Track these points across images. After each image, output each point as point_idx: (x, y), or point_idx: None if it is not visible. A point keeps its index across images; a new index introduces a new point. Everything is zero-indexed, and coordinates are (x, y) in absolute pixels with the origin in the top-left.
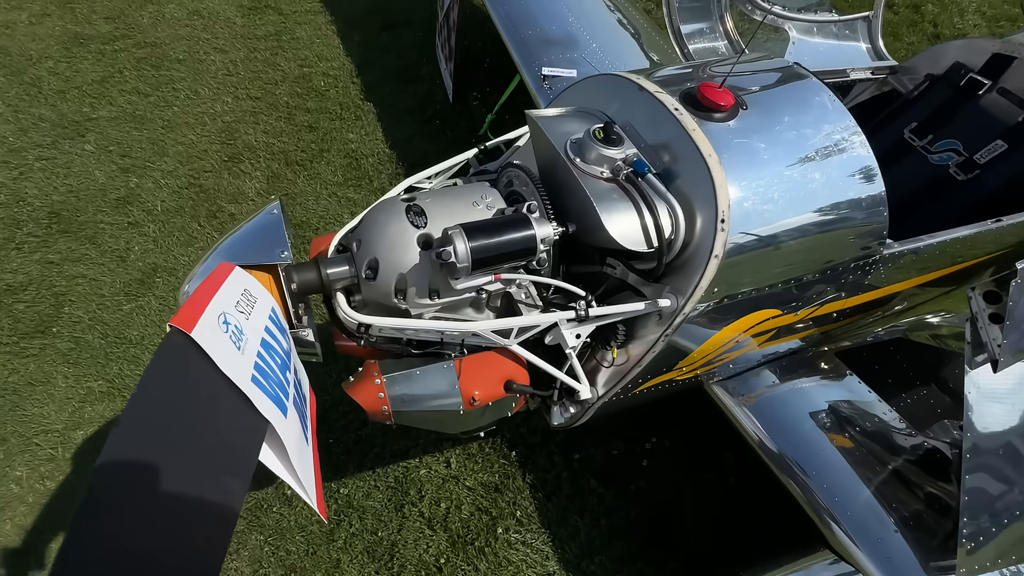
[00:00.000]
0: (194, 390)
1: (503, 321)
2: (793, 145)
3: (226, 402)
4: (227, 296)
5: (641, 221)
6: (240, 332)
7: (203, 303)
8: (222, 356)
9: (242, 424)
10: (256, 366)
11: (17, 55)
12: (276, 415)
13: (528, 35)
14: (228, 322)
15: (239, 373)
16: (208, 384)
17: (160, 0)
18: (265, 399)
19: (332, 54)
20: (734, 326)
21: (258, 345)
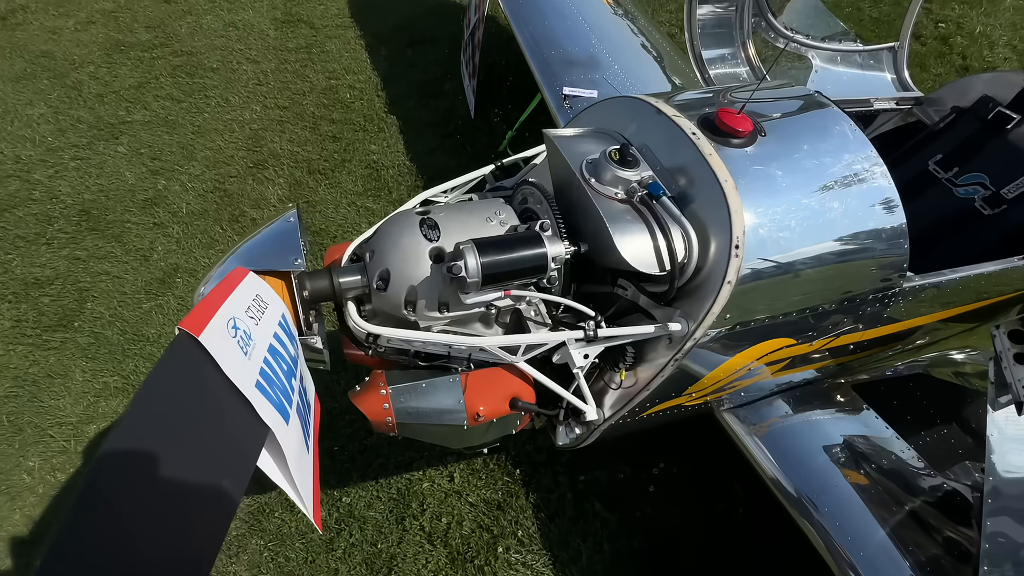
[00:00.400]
0: (198, 392)
1: (511, 338)
2: (812, 173)
3: (229, 406)
4: (239, 300)
5: (654, 244)
6: (248, 337)
7: (214, 307)
8: (228, 361)
9: (243, 428)
10: (261, 372)
11: (61, 59)
12: (278, 422)
13: (551, 55)
14: (237, 327)
15: (244, 378)
16: (213, 387)
17: (198, 11)
18: (268, 405)
19: (359, 67)
20: (746, 353)
21: (265, 351)
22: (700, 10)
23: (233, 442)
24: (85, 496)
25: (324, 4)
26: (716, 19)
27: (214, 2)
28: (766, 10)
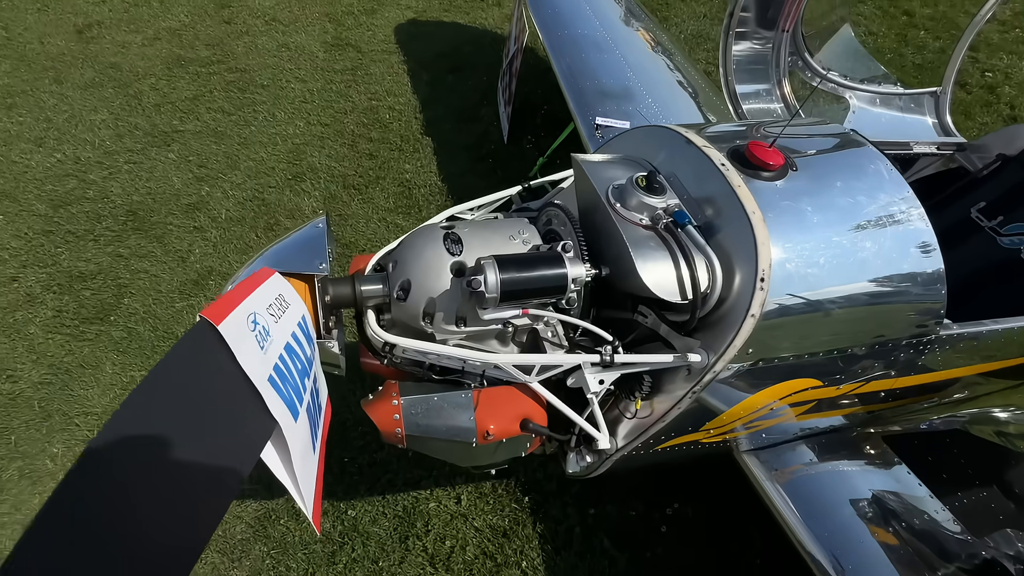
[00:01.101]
0: (211, 378)
1: (526, 356)
2: (844, 211)
3: (239, 396)
4: (261, 298)
5: (676, 271)
6: (266, 333)
7: (237, 300)
8: (244, 353)
9: (251, 419)
10: (275, 367)
11: (126, 71)
12: (286, 418)
13: (586, 86)
14: (257, 322)
15: (257, 371)
16: (226, 375)
17: (255, 32)
18: (278, 400)
19: (400, 90)
20: (769, 391)
21: (282, 348)
22: (736, 46)
23: (239, 431)
24: (89, 464)
25: (372, 31)
26: (752, 55)
27: (270, 24)
28: (803, 49)
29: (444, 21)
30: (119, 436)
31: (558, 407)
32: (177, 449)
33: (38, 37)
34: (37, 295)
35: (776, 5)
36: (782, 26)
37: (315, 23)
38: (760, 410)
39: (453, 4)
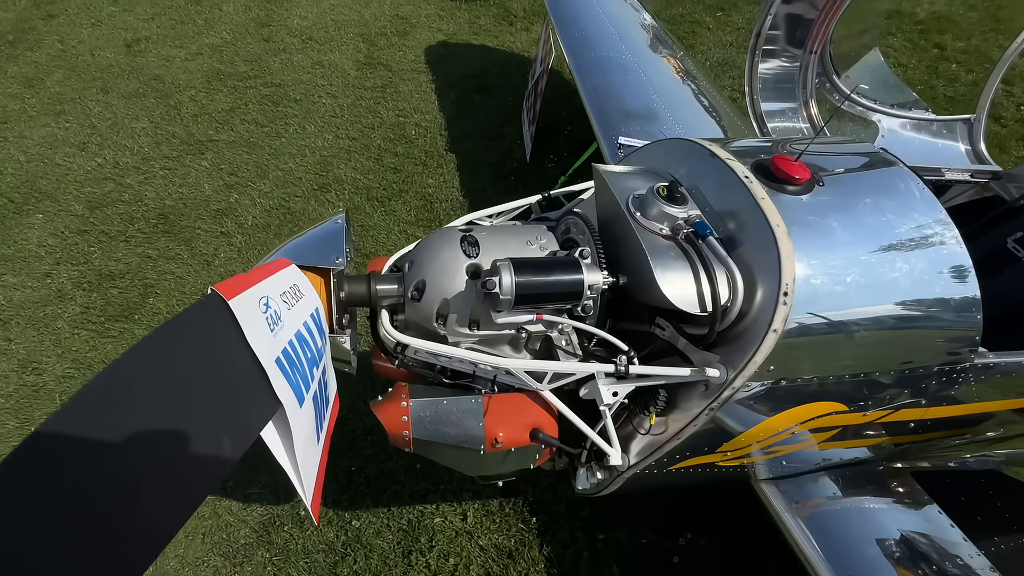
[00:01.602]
0: (217, 347)
1: (538, 363)
2: (873, 229)
3: (244, 371)
4: (276, 284)
5: (696, 283)
6: (278, 317)
7: (250, 282)
8: (253, 331)
9: (254, 395)
10: (284, 351)
11: (168, 83)
12: (291, 401)
13: (610, 106)
14: (269, 306)
15: (265, 351)
16: (232, 348)
17: (292, 50)
18: (284, 383)
19: (427, 108)
20: (790, 414)
21: (292, 335)
22: (763, 64)
23: (240, 403)
24: (87, 400)
25: (403, 51)
26: (779, 73)
27: (306, 43)
28: (831, 71)
29: (473, 44)
30: (116, 383)
31: (569, 418)
32: (174, 408)
33: (90, 50)
34: (67, 291)
35: (804, 26)
36: (810, 47)
37: (349, 43)
38: (780, 433)
39: (482, 28)
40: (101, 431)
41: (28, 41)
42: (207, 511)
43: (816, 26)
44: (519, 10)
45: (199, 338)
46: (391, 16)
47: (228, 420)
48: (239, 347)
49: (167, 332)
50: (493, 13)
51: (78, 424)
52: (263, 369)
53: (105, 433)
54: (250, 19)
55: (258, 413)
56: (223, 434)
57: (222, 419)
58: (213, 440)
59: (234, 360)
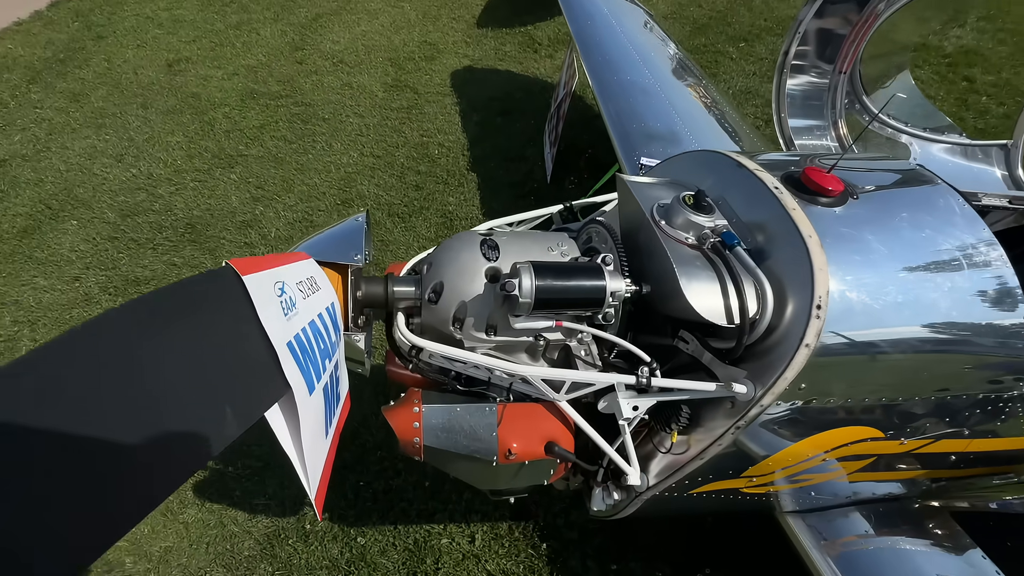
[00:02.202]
0: (226, 320)
1: (555, 371)
2: (911, 245)
3: (254, 348)
4: (292, 272)
5: (723, 294)
6: (292, 304)
7: (267, 264)
8: (265, 311)
9: (262, 373)
10: (296, 337)
11: (205, 100)
12: (301, 388)
13: (632, 128)
14: (284, 291)
15: (277, 333)
16: (243, 324)
17: (323, 72)
18: (295, 367)
19: (451, 129)
20: (822, 438)
21: (305, 323)
22: (792, 80)
23: (248, 379)
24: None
25: (430, 75)
26: (807, 90)
27: (337, 66)
28: (861, 92)
29: (498, 69)
30: (115, 328)
31: (587, 432)
32: (175, 368)
33: (133, 68)
34: (94, 296)
35: (834, 43)
36: (839, 67)
37: (378, 66)
38: (810, 459)
39: (507, 54)
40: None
41: (77, 59)
42: (213, 520)
43: (846, 46)
44: (544, 38)
45: (208, 305)
46: (419, 42)
47: (232, 392)
48: (250, 323)
49: (174, 293)
50: (518, 41)
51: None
52: (274, 350)
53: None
54: (286, 43)
55: (265, 392)
56: (226, 404)
57: (226, 389)
58: (215, 409)
59: (243, 334)
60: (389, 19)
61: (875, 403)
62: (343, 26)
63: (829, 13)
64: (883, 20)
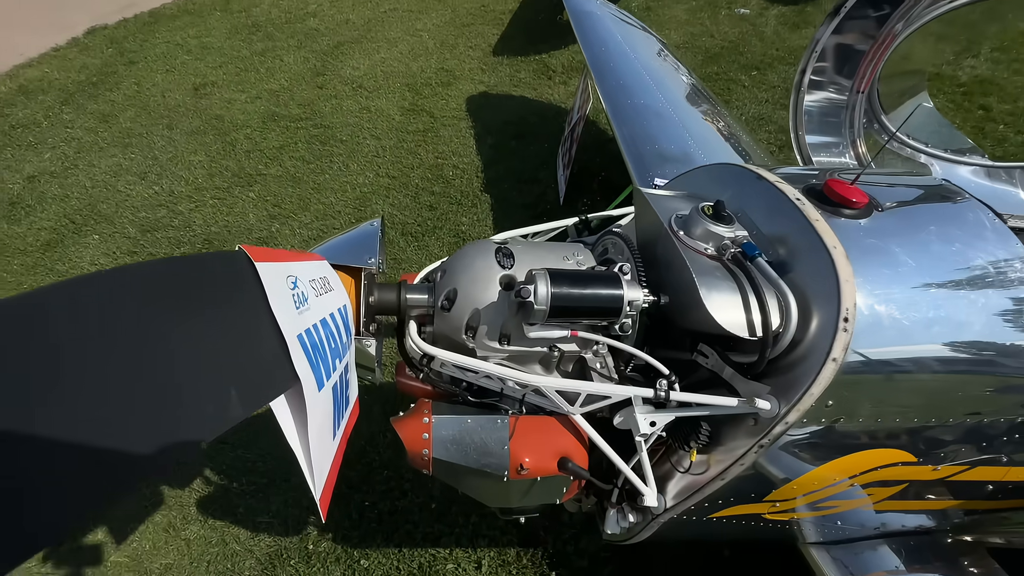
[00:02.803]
0: (236, 302)
1: (570, 382)
2: (941, 259)
3: (263, 334)
4: (306, 269)
5: (745, 306)
6: (304, 299)
7: (281, 257)
8: (277, 301)
9: (271, 361)
10: (307, 331)
11: (228, 122)
12: (310, 382)
13: (646, 150)
14: (296, 285)
15: (288, 323)
16: (254, 310)
17: (342, 96)
18: (304, 360)
19: (465, 151)
20: (849, 461)
21: (317, 320)
22: (809, 96)
23: (256, 364)
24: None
25: (446, 100)
26: (825, 106)
27: (356, 91)
28: (879, 112)
29: (513, 95)
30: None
31: (601, 448)
32: (180, 341)
33: (161, 92)
34: None
35: (852, 63)
36: (857, 87)
37: (396, 91)
38: (837, 484)
39: (522, 81)
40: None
41: (109, 83)
42: (215, 537)
43: (864, 65)
44: (558, 66)
45: (220, 285)
46: (437, 69)
47: (239, 374)
48: (261, 310)
49: (187, 266)
50: (533, 68)
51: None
52: (284, 339)
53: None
54: (308, 69)
55: (272, 380)
56: (231, 387)
57: (232, 371)
58: (220, 388)
59: (253, 319)
60: (408, 47)
61: (906, 425)
62: (363, 54)
63: (847, 31)
64: (901, 40)
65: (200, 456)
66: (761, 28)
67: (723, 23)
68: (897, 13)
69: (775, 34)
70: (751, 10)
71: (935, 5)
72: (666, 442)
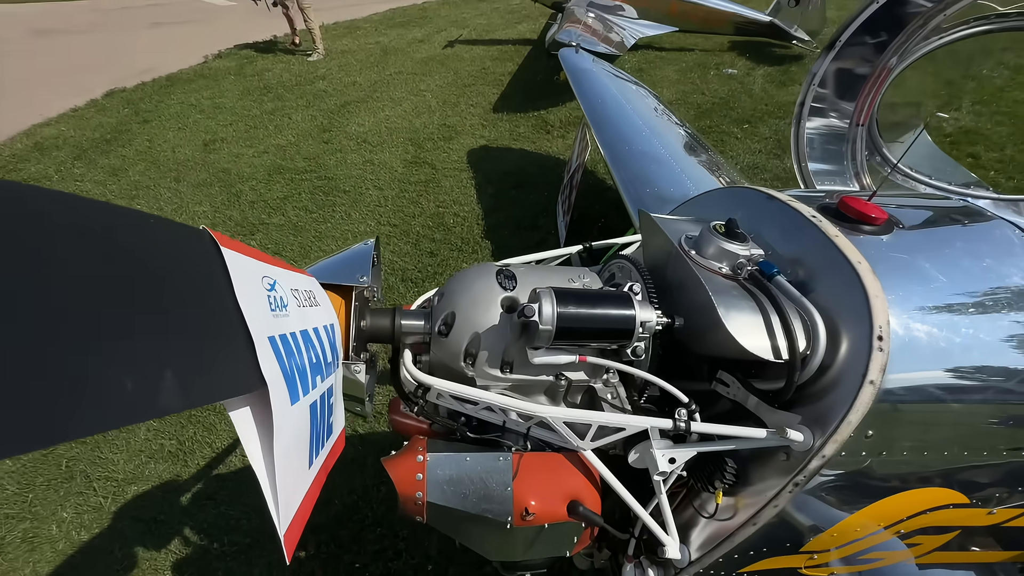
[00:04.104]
0: (194, 276)
1: (579, 412)
2: (972, 275)
3: (224, 323)
4: (289, 277)
5: (768, 327)
6: (283, 305)
7: (257, 255)
8: (246, 296)
9: (227, 352)
10: (283, 337)
11: (234, 175)
12: (280, 391)
13: (645, 192)
14: (275, 288)
15: (258, 323)
16: (213, 294)
17: (346, 150)
18: (274, 365)
19: (466, 200)
20: (894, 504)
21: (297, 329)
22: (810, 123)
23: (204, 350)
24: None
25: (448, 152)
26: (826, 135)
27: (361, 145)
28: (880, 144)
29: (512, 148)
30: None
31: (614, 488)
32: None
33: (172, 147)
34: None
35: (850, 95)
36: (857, 120)
37: (399, 145)
38: (881, 532)
39: (521, 135)
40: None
41: (122, 140)
42: None
43: (861, 99)
44: (555, 121)
45: (175, 254)
46: (439, 125)
47: (181, 355)
48: (223, 296)
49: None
50: (532, 123)
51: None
52: (249, 335)
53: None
54: (315, 126)
55: (229, 376)
56: (167, 367)
57: (173, 350)
58: (150, 366)
59: (211, 302)
60: (411, 106)
61: (954, 460)
62: (368, 112)
63: (843, 65)
64: (896, 74)
65: (178, 514)
66: (749, 86)
67: (712, 82)
68: (891, 47)
69: (763, 91)
70: (738, 70)
71: (927, 41)
72: (687, 483)
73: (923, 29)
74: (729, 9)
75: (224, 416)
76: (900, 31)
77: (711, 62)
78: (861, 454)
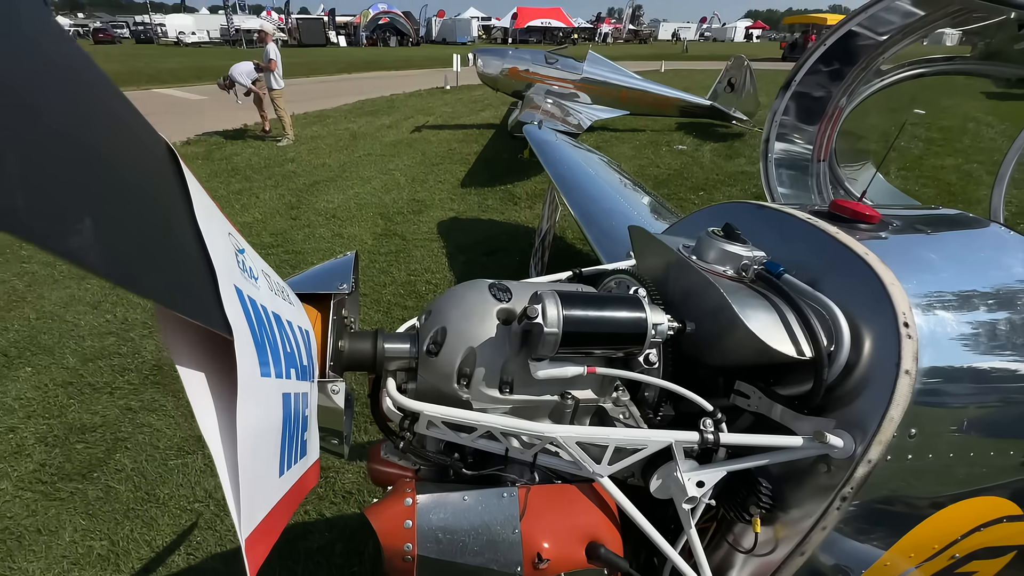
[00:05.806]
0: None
1: (593, 430)
2: (977, 268)
3: (182, 235)
4: (260, 261)
5: (786, 325)
6: (252, 274)
7: (228, 220)
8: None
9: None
10: (251, 300)
11: None
12: (247, 348)
13: (618, 248)
14: (243, 252)
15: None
16: (173, 210)
17: (315, 225)
18: (241, 316)
19: (438, 268)
20: (945, 519)
21: (269, 307)
22: (777, 157)
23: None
24: None
25: (417, 225)
26: (792, 168)
27: (330, 220)
28: (842, 179)
29: (481, 218)
30: None
31: (638, 523)
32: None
33: None
34: (27, 447)
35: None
36: (818, 156)
37: (369, 219)
38: (938, 556)
39: (490, 207)
40: None
41: None
42: None
43: (819, 137)
44: (522, 194)
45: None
46: (408, 199)
47: (110, 214)
48: (179, 210)
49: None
50: (499, 196)
51: None
52: (212, 267)
53: None
54: (283, 204)
55: (177, 280)
56: (87, 214)
57: (94, 197)
58: (63, 197)
59: (167, 208)
60: (380, 183)
61: (1001, 461)
62: (337, 189)
63: (800, 103)
64: (848, 113)
65: None
66: (699, 159)
67: (665, 156)
68: (841, 87)
69: (712, 163)
70: (687, 146)
71: (870, 83)
72: (716, 515)
73: (866, 72)
74: (674, 95)
75: (168, 509)
76: (848, 70)
77: (662, 140)
78: (907, 458)
